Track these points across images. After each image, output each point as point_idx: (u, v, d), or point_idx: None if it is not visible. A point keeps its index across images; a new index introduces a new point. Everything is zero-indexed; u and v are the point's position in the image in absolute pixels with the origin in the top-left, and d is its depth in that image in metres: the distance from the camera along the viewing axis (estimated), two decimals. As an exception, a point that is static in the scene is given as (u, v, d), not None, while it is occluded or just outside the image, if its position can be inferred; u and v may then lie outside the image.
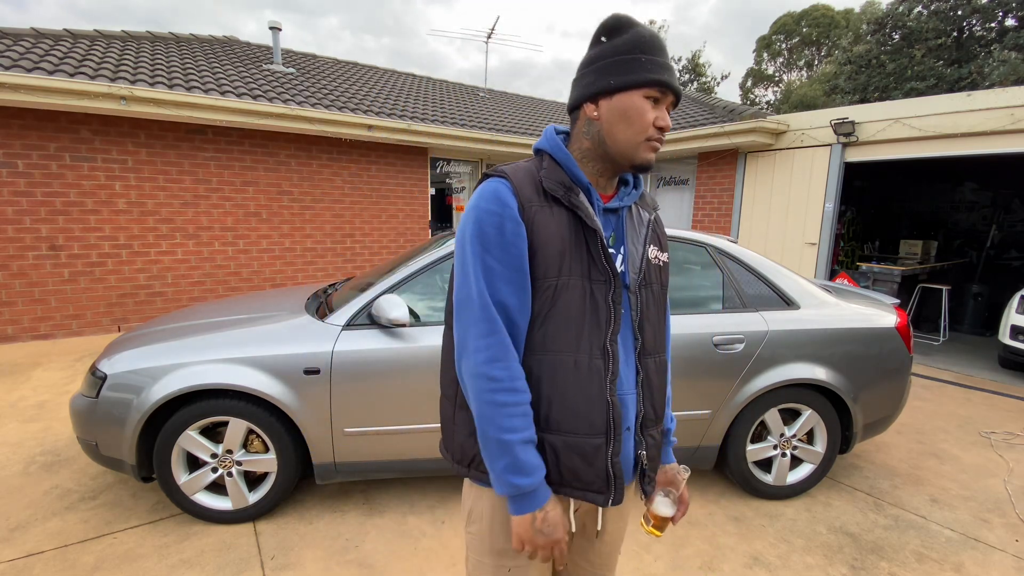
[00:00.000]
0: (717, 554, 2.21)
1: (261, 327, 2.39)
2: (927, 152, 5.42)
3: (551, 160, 0.98)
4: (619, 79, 0.90)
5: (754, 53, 27.71)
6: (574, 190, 0.94)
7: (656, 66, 0.90)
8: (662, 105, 0.92)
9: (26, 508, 2.43)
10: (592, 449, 0.92)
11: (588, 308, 0.92)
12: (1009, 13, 14.61)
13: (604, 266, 0.93)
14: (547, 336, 0.92)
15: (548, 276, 0.91)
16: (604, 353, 0.93)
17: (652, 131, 0.92)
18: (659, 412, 1.03)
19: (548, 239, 0.91)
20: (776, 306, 2.59)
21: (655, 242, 1.05)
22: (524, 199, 0.91)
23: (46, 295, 4.94)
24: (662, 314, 1.07)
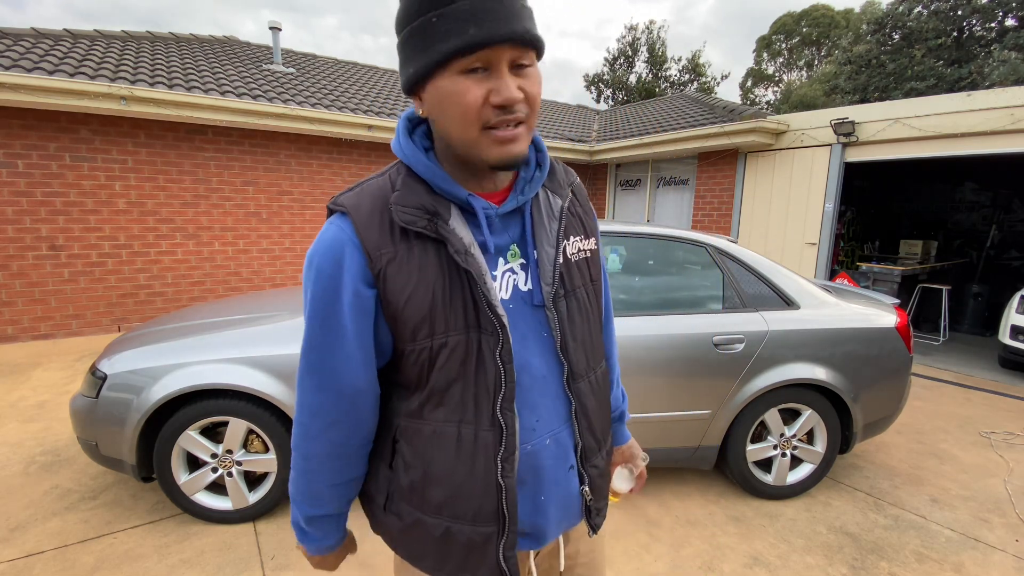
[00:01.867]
0: (717, 554, 2.21)
1: (261, 327, 2.39)
2: (927, 152, 5.42)
3: (408, 175, 0.74)
4: (421, 59, 0.65)
5: (754, 53, 27.73)
6: (441, 214, 0.71)
7: (459, 20, 0.61)
8: (499, 68, 0.64)
9: (26, 508, 2.43)
10: (480, 539, 0.77)
11: (475, 367, 0.74)
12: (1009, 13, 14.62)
13: (490, 316, 0.72)
14: (427, 402, 0.76)
15: (418, 339, 0.73)
16: (493, 423, 0.74)
17: (487, 113, 0.65)
18: (601, 437, 0.88)
19: (410, 297, 0.71)
20: (776, 306, 2.59)
21: (574, 231, 0.84)
22: (370, 247, 0.70)
23: (46, 295, 4.94)
24: (595, 319, 0.87)
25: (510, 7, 0.63)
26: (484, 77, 0.64)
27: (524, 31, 0.63)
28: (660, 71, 22.69)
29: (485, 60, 0.63)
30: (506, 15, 0.62)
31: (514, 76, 0.66)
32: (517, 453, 0.77)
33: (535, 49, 0.67)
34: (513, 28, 0.62)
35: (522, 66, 0.66)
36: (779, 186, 6.63)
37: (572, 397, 0.82)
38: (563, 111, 11.24)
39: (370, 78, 8.75)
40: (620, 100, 22.81)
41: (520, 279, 0.78)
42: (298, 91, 6.34)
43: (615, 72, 23.08)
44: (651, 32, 22.54)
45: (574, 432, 0.83)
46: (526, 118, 0.68)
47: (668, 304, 2.58)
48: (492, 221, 0.76)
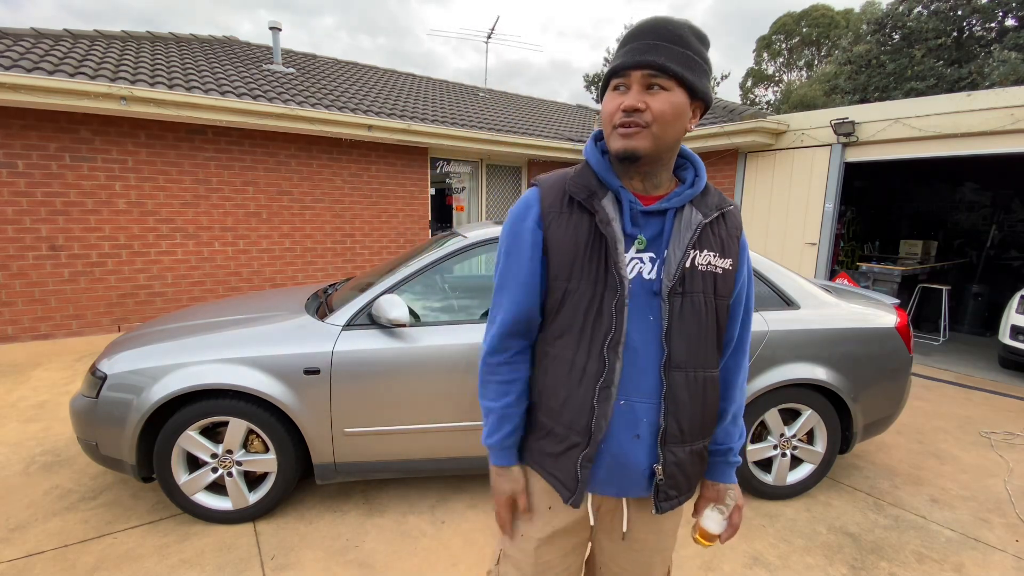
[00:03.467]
0: (717, 554, 2.21)
1: (261, 327, 2.39)
2: (927, 152, 5.42)
3: (585, 165, 1.01)
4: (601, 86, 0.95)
5: (754, 53, 27.71)
6: (598, 194, 0.95)
7: (620, 55, 0.89)
8: (633, 86, 0.88)
9: (26, 508, 2.43)
10: (568, 446, 0.97)
11: (593, 314, 0.94)
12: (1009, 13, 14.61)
13: (615, 273, 0.92)
14: (554, 332, 0.99)
15: (559, 279, 0.96)
16: (600, 359, 0.93)
17: (617, 116, 0.89)
18: (688, 429, 0.97)
19: (560, 244, 0.95)
20: (776, 306, 2.59)
21: (709, 247, 0.97)
22: (546, 206, 0.97)
23: (46, 295, 4.94)
24: (709, 327, 0.98)
25: (653, 46, 0.86)
26: (623, 94, 0.89)
27: (650, 61, 0.86)
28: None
29: (625, 81, 0.89)
30: (646, 51, 0.86)
31: (645, 93, 0.87)
32: (614, 387, 0.93)
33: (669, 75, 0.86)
34: (644, 59, 0.86)
35: (653, 86, 0.87)
36: (779, 186, 6.63)
37: (666, 381, 0.94)
38: (563, 111, 11.23)
39: (370, 78, 8.75)
40: (620, 100, 22.74)
41: (646, 269, 0.94)
42: (298, 91, 6.34)
43: (615, 72, 23.02)
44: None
45: (659, 412, 0.95)
46: (647, 125, 0.88)
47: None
48: (635, 213, 0.95)
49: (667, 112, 0.87)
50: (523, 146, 7.49)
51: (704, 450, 1.04)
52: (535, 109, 10.60)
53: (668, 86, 0.87)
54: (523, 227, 0.98)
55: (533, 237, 0.97)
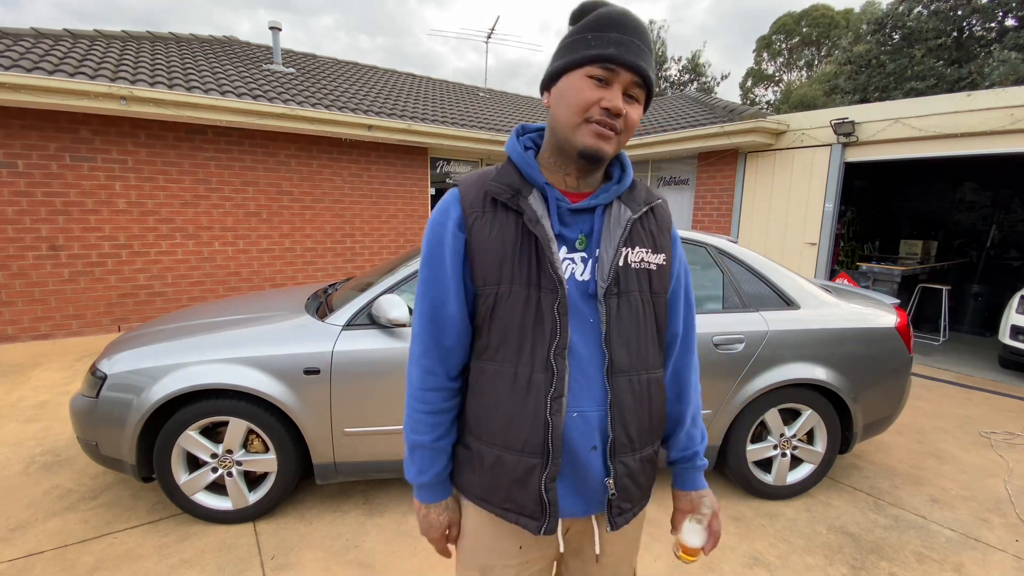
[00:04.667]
0: (717, 554, 2.21)
1: (261, 327, 2.39)
2: (927, 152, 5.42)
3: (507, 162, 0.93)
4: (561, 60, 0.84)
5: (754, 53, 27.72)
6: (522, 192, 0.88)
7: (604, 42, 0.81)
8: (615, 86, 0.82)
9: (26, 508, 2.43)
10: (525, 470, 0.88)
11: (532, 318, 0.86)
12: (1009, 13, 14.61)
13: (552, 274, 0.85)
14: (490, 345, 0.90)
15: (487, 284, 0.88)
16: (547, 367, 0.86)
17: (594, 111, 0.81)
18: (636, 436, 0.92)
19: (485, 247, 0.87)
20: (776, 306, 2.59)
21: (640, 243, 0.93)
22: (467, 207, 0.89)
23: (46, 295, 4.94)
24: (647, 327, 0.94)
25: (640, 50, 0.82)
26: (601, 87, 0.82)
27: (644, 69, 0.82)
28: (660, 71, 22.69)
29: (607, 76, 0.81)
30: (638, 53, 0.81)
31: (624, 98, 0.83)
32: (565, 398, 0.86)
33: (646, 90, 0.85)
34: (637, 62, 0.81)
35: (631, 97, 0.84)
36: (779, 186, 6.63)
37: (609, 388, 0.89)
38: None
39: (370, 78, 8.75)
40: (620, 100, 22.76)
41: (578, 269, 0.89)
42: (298, 91, 6.34)
43: (615, 72, 23.04)
44: (651, 32, 22.54)
45: (606, 421, 0.89)
46: (619, 132, 0.84)
47: (668, 304, 2.58)
48: (562, 212, 0.89)
49: (636, 124, 0.86)
50: (523, 146, 7.47)
51: (654, 455, 0.99)
52: (535, 109, 10.60)
53: (640, 98, 0.86)
54: (443, 232, 0.89)
55: (454, 242, 0.89)
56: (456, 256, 0.89)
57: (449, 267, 0.90)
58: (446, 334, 0.92)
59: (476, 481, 0.94)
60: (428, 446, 0.95)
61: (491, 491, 0.92)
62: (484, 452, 0.91)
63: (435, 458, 0.96)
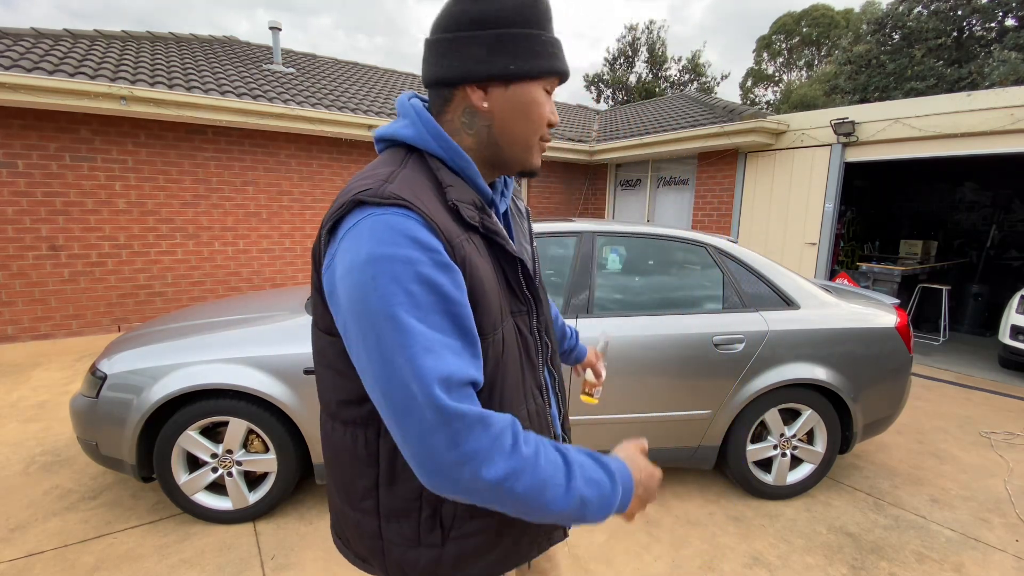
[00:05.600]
0: (717, 554, 2.21)
1: (261, 327, 2.39)
2: (927, 152, 5.42)
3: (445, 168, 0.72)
4: (522, 63, 0.69)
5: (754, 53, 27.72)
6: (486, 210, 0.73)
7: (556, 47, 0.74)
8: (551, 96, 0.78)
9: (26, 508, 2.42)
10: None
11: (521, 347, 0.77)
12: (1009, 13, 14.61)
13: (526, 294, 0.78)
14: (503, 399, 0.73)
15: (496, 328, 0.71)
16: (541, 389, 0.82)
17: (545, 128, 0.77)
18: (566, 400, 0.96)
19: (487, 285, 0.69)
20: (776, 306, 2.59)
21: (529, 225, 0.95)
22: (448, 234, 0.64)
23: (46, 295, 4.94)
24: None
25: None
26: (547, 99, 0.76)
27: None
28: (660, 71, 22.69)
29: (553, 87, 0.76)
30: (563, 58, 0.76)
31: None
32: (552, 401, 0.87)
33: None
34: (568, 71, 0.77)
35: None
36: (779, 186, 6.63)
37: (555, 372, 0.90)
38: (563, 111, 11.23)
39: (370, 78, 8.75)
40: (620, 100, 22.80)
41: None
42: (298, 91, 6.34)
43: (615, 72, 23.07)
44: (651, 32, 22.54)
45: (558, 403, 0.91)
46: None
47: (668, 304, 2.58)
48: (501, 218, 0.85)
49: None
50: (523, 146, 7.48)
51: None
52: (535, 109, 10.59)
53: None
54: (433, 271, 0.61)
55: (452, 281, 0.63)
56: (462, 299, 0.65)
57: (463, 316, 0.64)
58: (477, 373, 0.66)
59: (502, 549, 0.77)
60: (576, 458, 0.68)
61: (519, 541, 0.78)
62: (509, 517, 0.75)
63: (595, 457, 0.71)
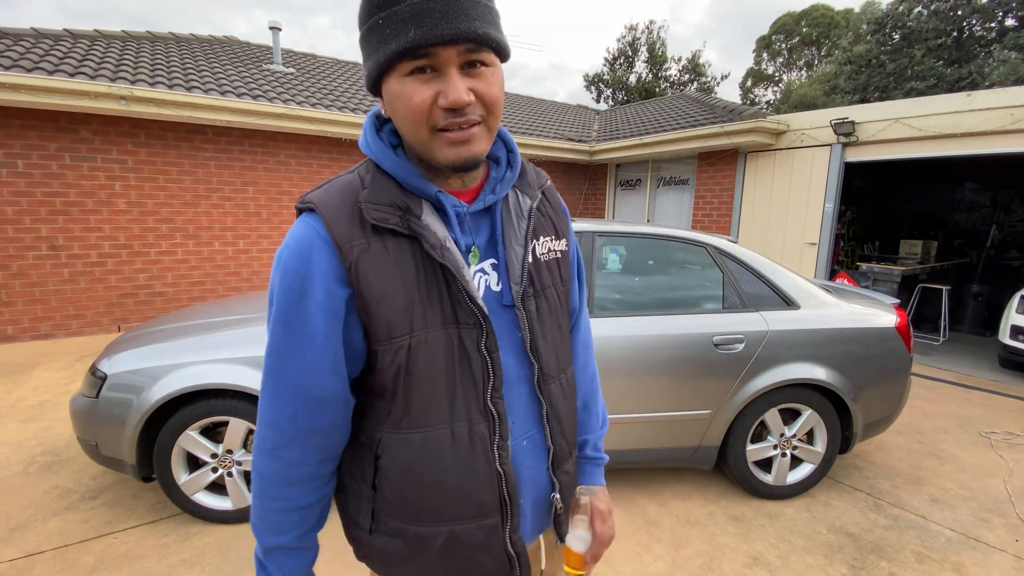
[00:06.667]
0: (717, 554, 2.21)
1: (261, 327, 2.39)
2: (927, 152, 5.42)
3: (376, 172, 0.71)
4: (373, 60, 0.65)
5: (754, 53, 27.72)
6: (413, 210, 0.69)
7: (401, 22, 0.60)
8: (445, 70, 0.62)
9: (26, 508, 2.42)
10: (486, 534, 0.75)
11: (456, 363, 0.72)
12: (1009, 13, 14.61)
13: (471, 307, 0.71)
14: (409, 409, 0.72)
15: (394, 337, 0.69)
16: (485, 415, 0.73)
17: (436, 116, 0.63)
18: (571, 441, 0.86)
19: (384, 290, 0.67)
20: (776, 306, 2.59)
21: (544, 232, 0.82)
22: (340, 238, 0.66)
23: (46, 295, 4.94)
24: (564, 320, 0.85)
25: (455, 6, 0.60)
26: (432, 78, 0.63)
27: (468, 31, 0.60)
28: (660, 71, 22.69)
29: (431, 62, 0.62)
30: (450, 14, 0.60)
31: (466, 77, 0.63)
32: (509, 441, 0.76)
33: (490, 48, 0.64)
34: (456, 28, 0.60)
35: (475, 65, 0.64)
36: (779, 186, 6.63)
37: (543, 399, 0.80)
38: (563, 111, 11.24)
39: (370, 78, 8.75)
40: (620, 100, 22.80)
41: (492, 279, 0.77)
42: (298, 91, 6.34)
43: (615, 72, 23.08)
44: (651, 32, 22.55)
45: (546, 435, 0.81)
46: (482, 119, 0.66)
47: (668, 304, 2.58)
48: (463, 219, 0.74)
49: (499, 96, 0.67)
50: (523, 146, 7.49)
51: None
52: (535, 109, 10.60)
53: (489, 60, 0.65)
54: (305, 285, 0.66)
55: (329, 298, 0.67)
56: (333, 316, 0.68)
57: (321, 332, 0.67)
58: (326, 415, 0.72)
59: (426, 567, 0.77)
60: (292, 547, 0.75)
61: (448, 568, 0.77)
62: (427, 534, 0.75)
63: (301, 559, 0.76)
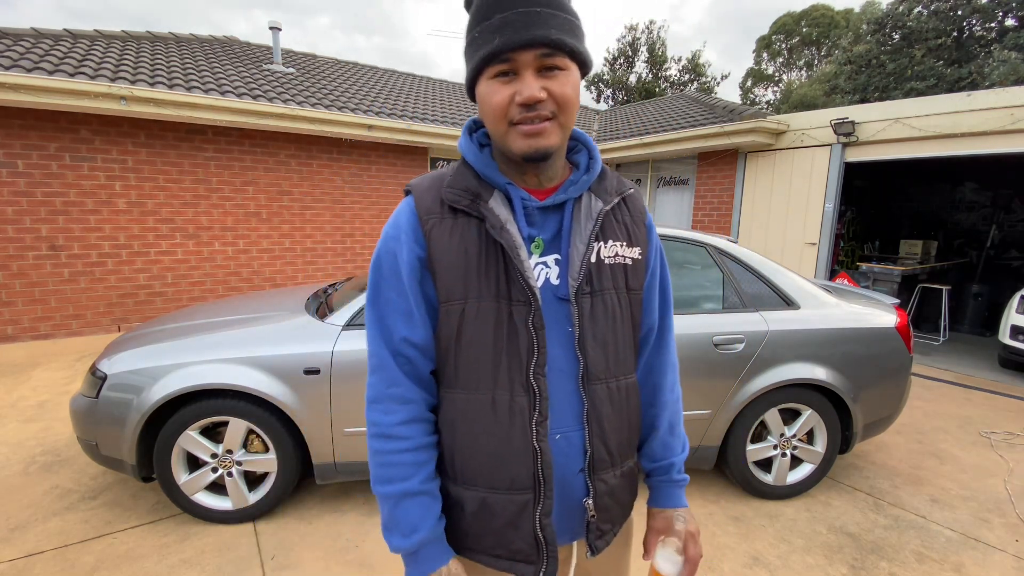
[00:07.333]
0: (717, 554, 2.21)
1: (261, 327, 2.39)
2: (927, 152, 5.42)
3: (462, 163, 0.84)
4: (469, 67, 0.76)
5: (754, 53, 27.72)
6: (482, 196, 0.79)
7: (489, 33, 0.70)
8: (523, 72, 0.71)
9: (26, 508, 2.42)
10: (516, 508, 0.79)
11: (505, 335, 0.78)
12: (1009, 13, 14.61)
13: (522, 284, 0.77)
14: (458, 370, 0.80)
15: (451, 299, 0.78)
16: (528, 389, 0.78)
17: (513, 111, 0.72)
18: (616, 452, 0.86)
19: (446, 258, 0.78)
20: (776, 306, 2.59)
21: (613, 236, 0.85)
22: (423, 213, 0.80)
23: (46, 295, 4.94)
24: (624, 327, 0.86)
25: (535, 18, 0.69)
26: (512, 80, 0.72)
27: (543, 37, 0.69)
28: (660, 71, 22.69)
29: (512, 66, 0.71)
30: (529, 24, 0.69)
31: (541, 78, 0.72)
32: (548, 421, 0.79)
33: (565, 53, 0.72)
34: (533, 34, 0.69)
35: (552, 68, 0.72)
36: (779, 186, 6.63)
37: (586, 398, 0.81)
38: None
39: (370, 78, 8.75)
40: (620, 100, 22.80)
41: (552, 274, 0.82)
42: (298, 91, 6.34)
43: (615, 72, 23.07)
44: (651, 32, 22.55)
45: (584, 436, 0.82)
46: (553, 115, 0.73)
47: (668, 304, 2.58)
48: (530, 212, 0.81)
49: (571, 96, 0.74)
50: (523, 146, 7.48)
51: (634, 468, 0.92)
52: (535, 109, 10.58)
53: (564, 64, 0.73)
54: (397, 246, 0.80)
55: (411, 253, 0.79)
56: (413, 272, 0.79)
57: (408, 284, 0.79)
58: (421, 364, 0.82)
59: (457, 530, 0.83)
60: (416, 491, 0.79)
61: (478, 539, 0.82)
62: (464, 496, 0.81)
63: (429, 505, 0.80)
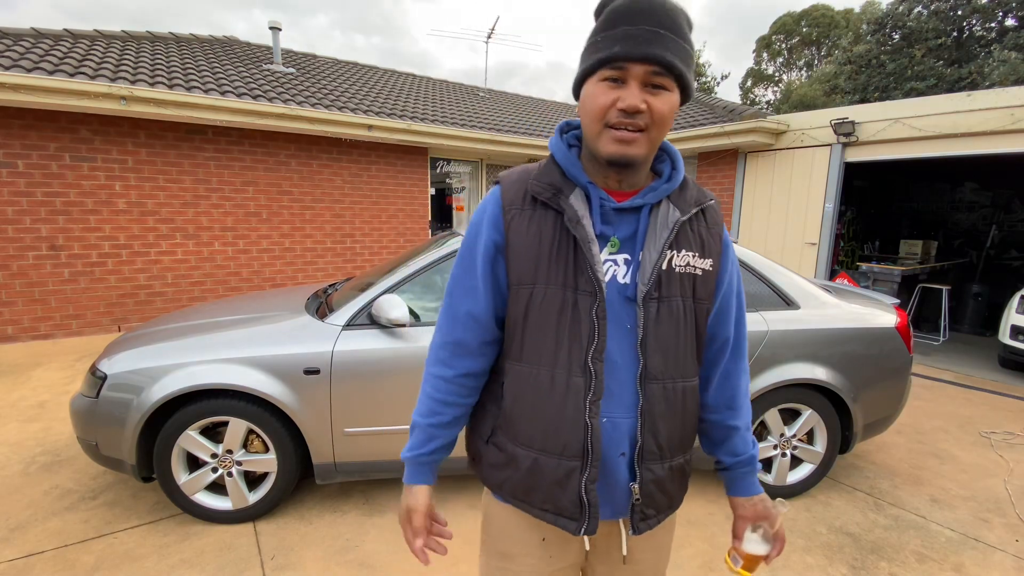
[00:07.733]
0: (717, 554, 2.21)
1: (261, 327, 2.39)
2: (927, 152, 5.42)
3: (550, 160, 0.92)
4: (580, 68, 0.83)
5: (754, 53, 27.72)
6: (564, 191, 0.86)
7: (611, 40, 0.76)
8: (630, 83, 0.77)
9: (26, 508, 2.42)
10: (565, 472, 0.87)
11: (569, 320, 0.85)
12: (1009, 13, 14.62)
13: (591, 276, 0.83)
14: (524, 346, 0.89)
15: (522, 283, 0.87)
16: (585, 371, 0.85)
17: (612, 115, 0.78)
18: (666, 446, 0.91)
19: (521, 244, 0.87)
20: (776, 306, 2.59)
21: (687, 246, 0.89)
22: (507, 203, 0.89)
23: (46, 295, 4.94)
24: (687, 334, 0.90)
25: (657, 37, 0.75)
26: (618, 87, 0.78)
27: (659, 56, 0.75)
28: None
29: (623, 74, 0.77)
30: (651, 41, 0.75)
31: (645, 92, 0.77)
32: (601, 403, 0.85)
33: (673, 75, 0.77)
34: (650, 52, 0.75)
35: (657, 87, 0.78)
36: (779, 186, 6.63)
37: (641, 394, 0.87)
38: (563, 111, 11.23)
39: (370, 78, 8.75)
40: (620, 100, 22.76)
41: (620, 272, 0.87)
42: (298, 91, 6.34)
43: (615, 72, 23.05)
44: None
45: (636, 427, 0.88)
46: (647, 128, 0.79)
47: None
48: (606, 211, 0.87)
49: (667, 115, 0.79)
50: (523, 146, 7.49)
51: (685, 465, 0.97)
52: (535, 109, 10.60)
53: (669, 86, 0.78)
54: (478, 229, 0.90)
55: (488, 238, 0.89)
56: (487, 254, 0.89)
57: (479, 265, 0.90)
58: (467, 333, 0.93)
59: (512, 481, 0.93)
60: (423, 426, 0.98)
61: (529, 492, 0.91)
62: (520, 455, 0.90)
63: (427, 439, 0.98)
